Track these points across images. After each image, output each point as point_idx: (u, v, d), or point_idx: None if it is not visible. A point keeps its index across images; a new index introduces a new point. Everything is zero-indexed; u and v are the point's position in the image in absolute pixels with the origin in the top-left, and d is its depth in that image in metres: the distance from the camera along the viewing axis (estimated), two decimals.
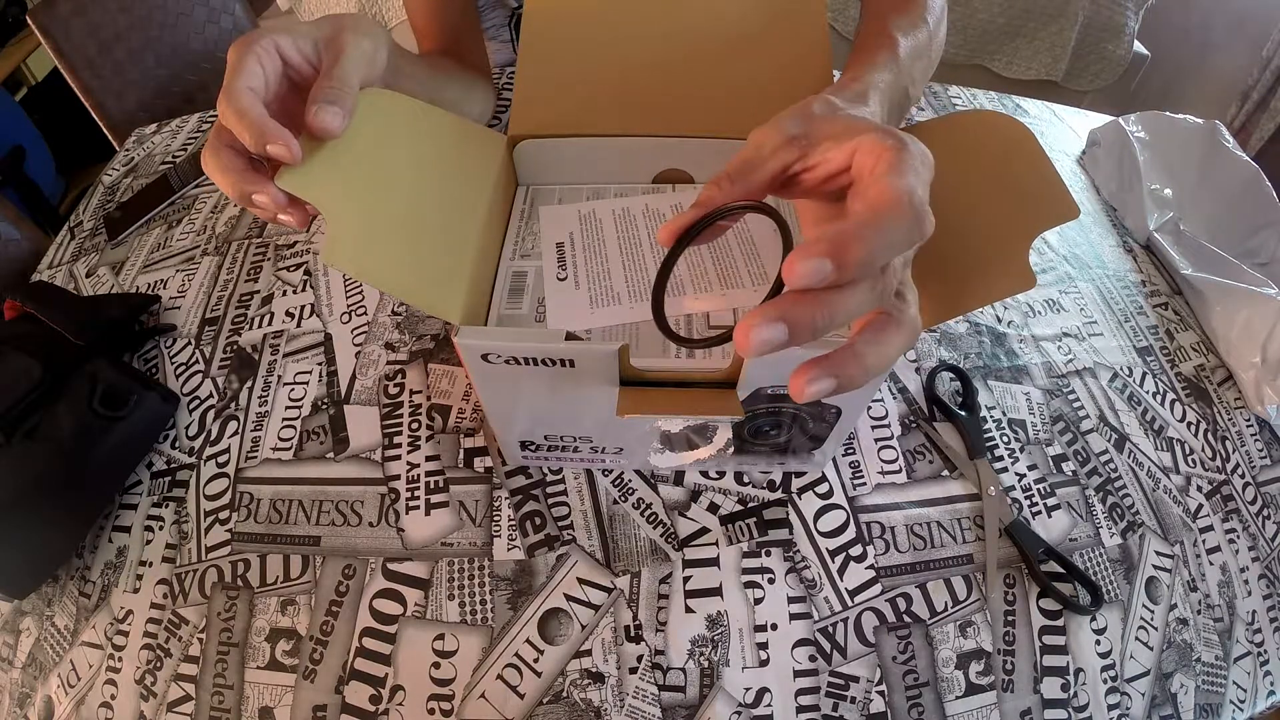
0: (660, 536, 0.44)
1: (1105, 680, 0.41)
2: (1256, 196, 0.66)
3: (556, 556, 0.43)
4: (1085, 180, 0.72)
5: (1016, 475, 0.48)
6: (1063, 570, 0.43)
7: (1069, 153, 0.75)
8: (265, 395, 0.51)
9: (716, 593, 0.42)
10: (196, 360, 0.54)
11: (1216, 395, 0.55)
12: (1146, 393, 0.54)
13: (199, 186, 0.69)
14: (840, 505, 0.45)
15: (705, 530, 0.44)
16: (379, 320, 0.55)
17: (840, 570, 0.43)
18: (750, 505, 0.45)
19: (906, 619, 0.42)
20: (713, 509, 0.45)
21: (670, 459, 0.44)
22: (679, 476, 0.46)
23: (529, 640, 0.41)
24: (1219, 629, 0.44)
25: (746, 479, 0.46)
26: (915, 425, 0.49)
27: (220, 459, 0.48)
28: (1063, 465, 0.49)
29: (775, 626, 0.41)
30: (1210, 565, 0.47)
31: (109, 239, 0.66)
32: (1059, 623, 0.42)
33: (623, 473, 0.46)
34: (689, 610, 0.42)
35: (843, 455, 0.47)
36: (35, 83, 1.82)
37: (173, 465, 0.48)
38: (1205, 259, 0.61)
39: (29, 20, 1.03)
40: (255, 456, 0.48)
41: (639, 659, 0.40)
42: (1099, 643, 0.42)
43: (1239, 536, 0.48)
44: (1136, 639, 0.43)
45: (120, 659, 0.42)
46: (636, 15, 0.45)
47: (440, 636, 0.41)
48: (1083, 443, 0.50)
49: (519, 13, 0.75)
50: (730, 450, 0.42)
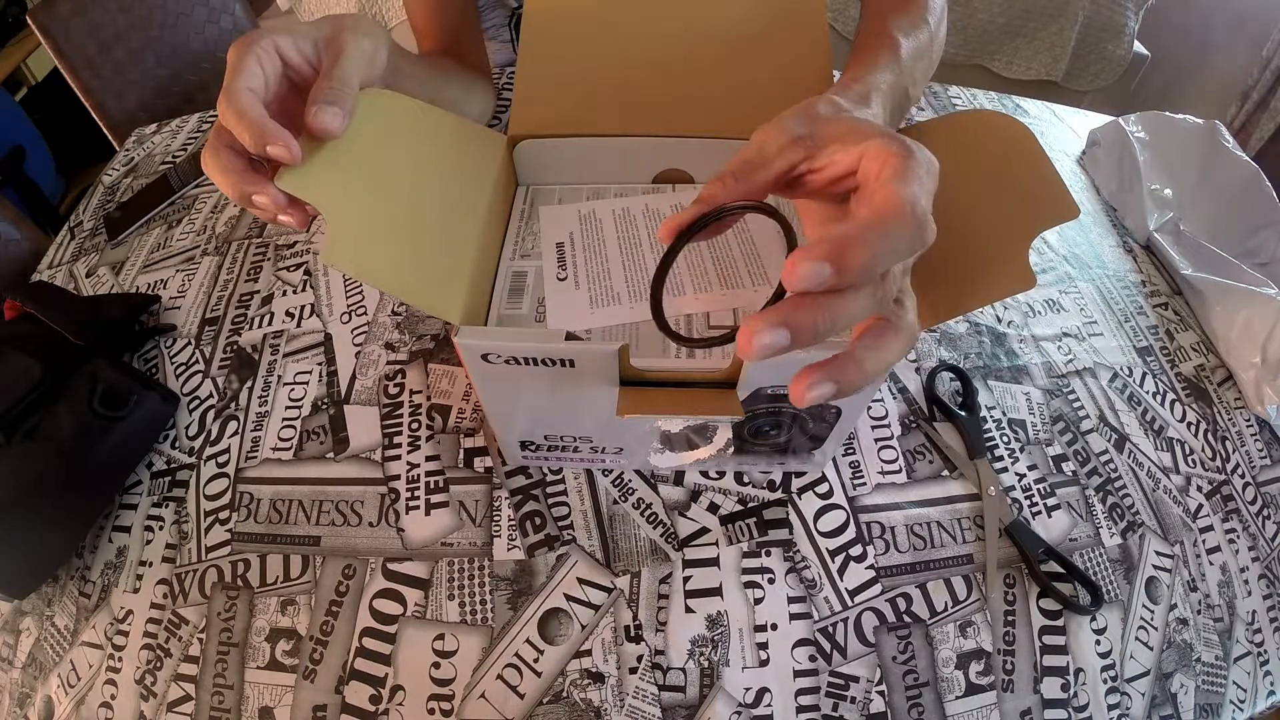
0: (660, 536, 0.44)
1: (1105, 680, 0.41)
2: (1256, 196, 0.66)
3: (556, 556, 0.43)
4: (1085, 180, 0.72)
5: (1016, 475, 0.48)
6: (1063, 570, 0.43)
7: (1069, 153, 0.75)
8: (265, 395, 0.51)
9: (716, 593, 0.42)
10: (196, 360, 0.54)
11: (1216, 395, 0.55)
12: (1146, 393, 0.54)
13: (199, 186, 0.69)
14: (840, 505, 0.45)
15: (705, 530, 0.44)
16: (379, 320, 0.55)
17: (840, 570, 0.43)
18: (750, 505, 0.45)
19: (906, 619, 0.42)
20: (713, 509, 0.45)
21: (670, 459, 0.44)
22: (679, 476, 0.46)
23: (529, 640, 0.41)
24: (1219, 629, 0.44)
25: (746, 479, 0.46)
26: (915, 425, 0.49)
27: (220, 459, 0.48)
28: (1063, 465, 0.49)
29: (775, 626, 0.41)
30: (1210, 565, 0.47)
31: (109, 239, 0.66)
32: (1059, 623, 0.42)
33: (623, 473, 0.46)
34: (689, 610, 0.42)
35: (843, 455, 0.47)
36: (35, 83, 1.82)
37: (173, 465, 0.48)
38: (1205, 259, 0.61)
39: (29, 20, 1.03)
40: (255, 456, 0.48)
41: (639, 659, 0.40)
42: (1099, 643, 0.42)
43: (1239, 536, 0.48)
44: (1136, 639, 0.43)
45: (120, 659, 0.42)
46: (636, 15, 0.45)
47: (440, 636, 0.41)
48: (1083, 443, 0.50)
49: (519, 13, 0.75)
50: (730, 450, 0.42)
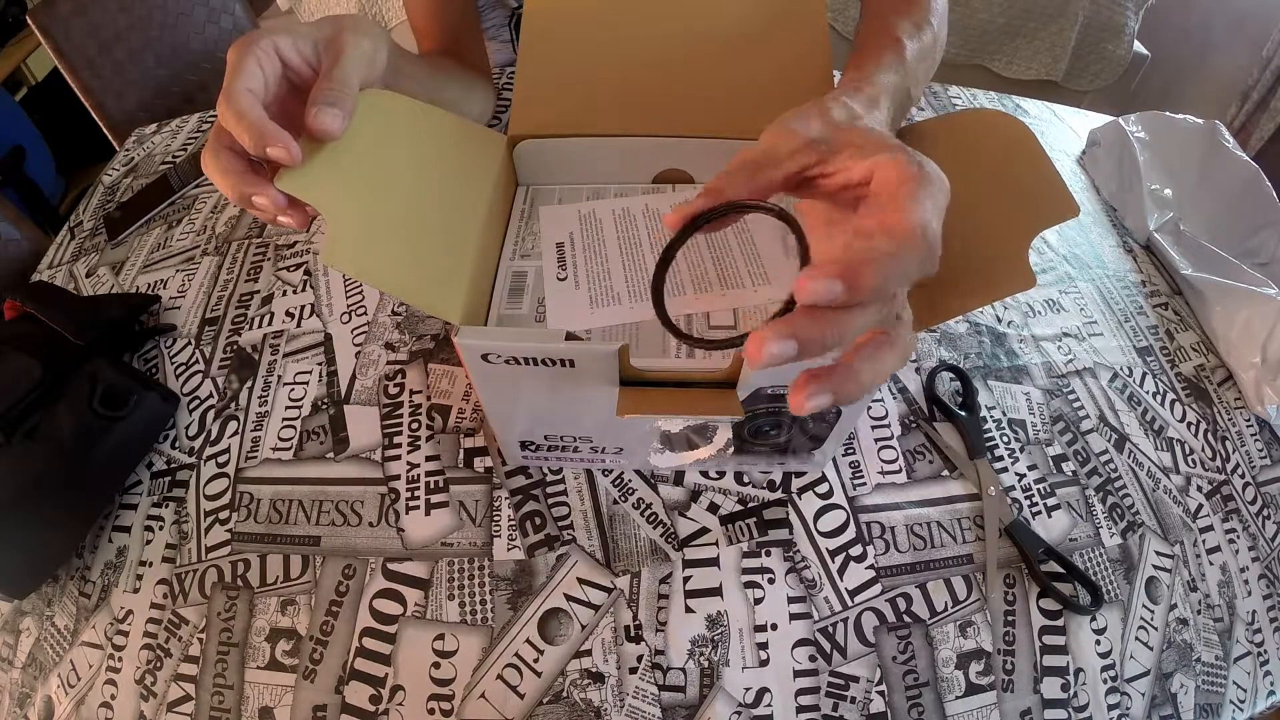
0: (660, 536, 0.44)
1: (1105, 680, 0.41)
2: (1256, 196, 0.66)
3: (556, 556, 0.43)
4: (1085, 180, 0.72)
5: (1016, 475, 0.48)
6: (1063, 570, 0.43)
7: (1069, 153, 0.75)
8: (265, 395, 0.51)
9: (716, 593, 0.42)
10: (196, 360, 0.54)
11: (1216, 395, 0.55)
12: (1146, 393, 0.54)
13: (199, 186, 0.69)
14: (840, 505, 0.45)
15: (705, 530, 0.44)
16: (379, 320, 0.55)
17: (840, 570, 0.43)
18: (750, 505, 0.45)
19: (906, 619, 0.42)
20: (713, 509, 0.45)
21: (670, 459, 0.44)
22: (679, 476, 0.46)
23: (529, 640, 0.41)
24: (1219, 629, 0.44)
25: (746, 479, 0.46)
26: (915, 425, 0.49)
27: (220, 459, 0.48)
28: (1063, 465, 0.49)
29: (775, 626, 0.41)
30: (1210, 565, 0.47)
31: (109, 239, 0.66)
32: (1059, 623, 0.42)
33: (623, 473, 0.46)
34: (689, 610, 0.42)
35: (843, 455, 0.47)
36: (35, 83, 1.82)
37: (173, 465, 0.48)
38: (1205, 259, 0.61)
39: (29, 20, 1.03)
40: (255, 456, 0.48)
41: (639, 659, 0.40)
42: (1099, 643, 0.42)
43: (1239, 536, 0.48)
44: (1136, 639, 0.43)
45: (120, 659, 0.42)
46: (636, 15, 0.45)
47: (440, 636, 0.41)
48: (1083, 443, 0.50)
49: (519, 13, 0.75)
50: (730, 450, 0.42)
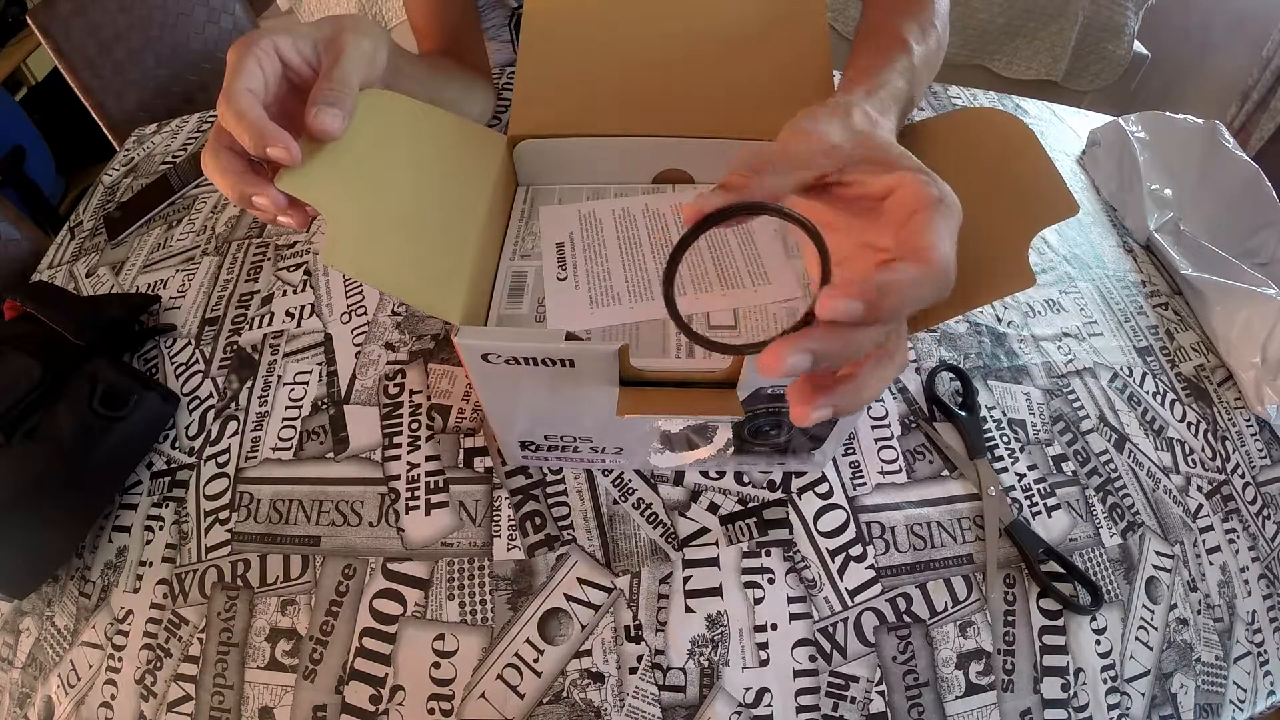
0: (660, 536, 0.44)
1: (1105, 680, 0.41)
2: (1256, 196, 0.66)
3: (556, 556, 0.43)
4: (1085, 180, 0.72)
5: (1016, 475, 0.48)
6: (1063, 570, 0.43)
7: (1069, 153, 0.75)
8: (265, 395, 0.51)
9: (716, 593, 0.42)
10: (196, 360, 0.54)
11: (1216, 395, 0.55)
12: (1146, 393, 0.54)
13: (199, 186, 0.69)
14: (840, 505, 0.45)
15: (705, 530, 0.44)
16: (379, 320, 0.55)
17: (840, 570, 0.43)
18: (750, 505, 0.45)
19: (906, 619, 0.42)
20: (713, 509, 0.45)
21: (670, 459, 0.44)
22: (679, 476, 0.46)
23: (529, 640, 0.41)
24: (1219, 629, 0.44)
25: (746, 479, 0.46)
26: (915, 425, 0.49)
27: (220, 459, 0.48)
28: (1063, 465, 0.49)
29: (775, 626, 0.41)
30: (1210, 565, 0.47)
31: (109, 239, 0.66)
32: (1059, 623, 0.42)
33: (623, 473, 0.46)
34: (689, 610, 0.42)
35: (843, 455, 0.47)
36: (35, 83, 1.82)
37: (173, 465, 0.48)
38: (1205, 259, 0.61)
39: (29, 20, 1.03)
40: (255, 456, 0.48)
41: (639, 659, 0.40)
42: (1099, 643, 0.42)
43: (1239, 536, 0.48)
44: (1136, 639, 0.43)
45: (120, 659, 0.42)
46: (636, 15, 0.45)
47: (440, 636, 0.41)
48: (1083, 443, 0.50)
49: (519, 13, 0.75)
50: (730, 450, 0.42)
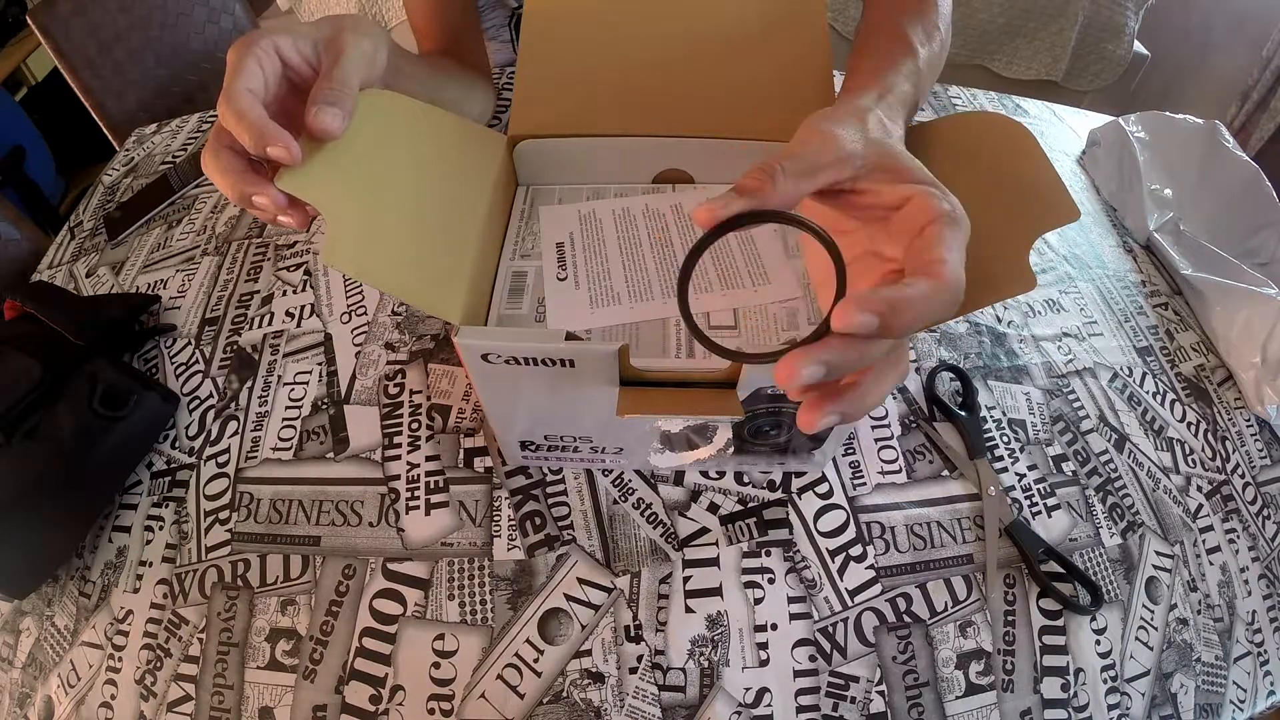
0: (660, 536, 0.44)
1: (1105, 680, 0.41)
2: (1256, 196, 0.66)
3: (556, 556, 0.43)
4: (1085, 180, 0.72)
5: (1016, 475, 0.48)
6: (1063, 570, 0.43)
7: (1069, 153, 0.75)
8: (265, 395, 0.51)
9: (716, 593, 0.42)
10: (196, 360, 0.54)
11: (1216, 395, 0.55)
12: (1146, 393, 0.54)
13: (199, 186, 0.69)
14: (840, 505, 0.45)
15: (705, 530, 0.44)
16: (379, 320, 0.55)
17: (840, 570, 0.43)
18: (750, 505, 0.45)
19: (906, 619, 0.42)
20: (713, 509, 0.45)
21: (670, 459, 0.44)
22: (679, 476, 0.46)
23: (529, 640, 0.41)
24: (1219, 629, 0.44)
25: (746, 479, 0.46)
26: (915, 425, 0.49)
27: (220, 459, 0.48)
28: (1063, 465, 0.49)
29: (775, 626, 0.41)
30: (1210, 565, 0.47)
31: (109, 239, 0.66)
32: (1059, 623, 0.42)
33: (623, 473, 0.46)
34: (689, 610, 0.42)
35: (843, 455, 0.47)
36: (35, 83, 1.82)
37: (173, 465, 0.48)
38: (1205, 259, 0.61)
39: (29, 20, 1.03)
40: (255, 456, 0.48)
41: (639, 659, 0.40)
42: (1099, 643, 0.42)
43: (1239, 536, 0.48)
44: (1136, 639, 0.43)
45: (120, 659, 0.42)
46: (636, 15, 0.45)
47: (440, 636, 0.41)
48: (1083, 443, 0.50)
49: (519, 13, 0.75)
50: (730, 450, 0.42)
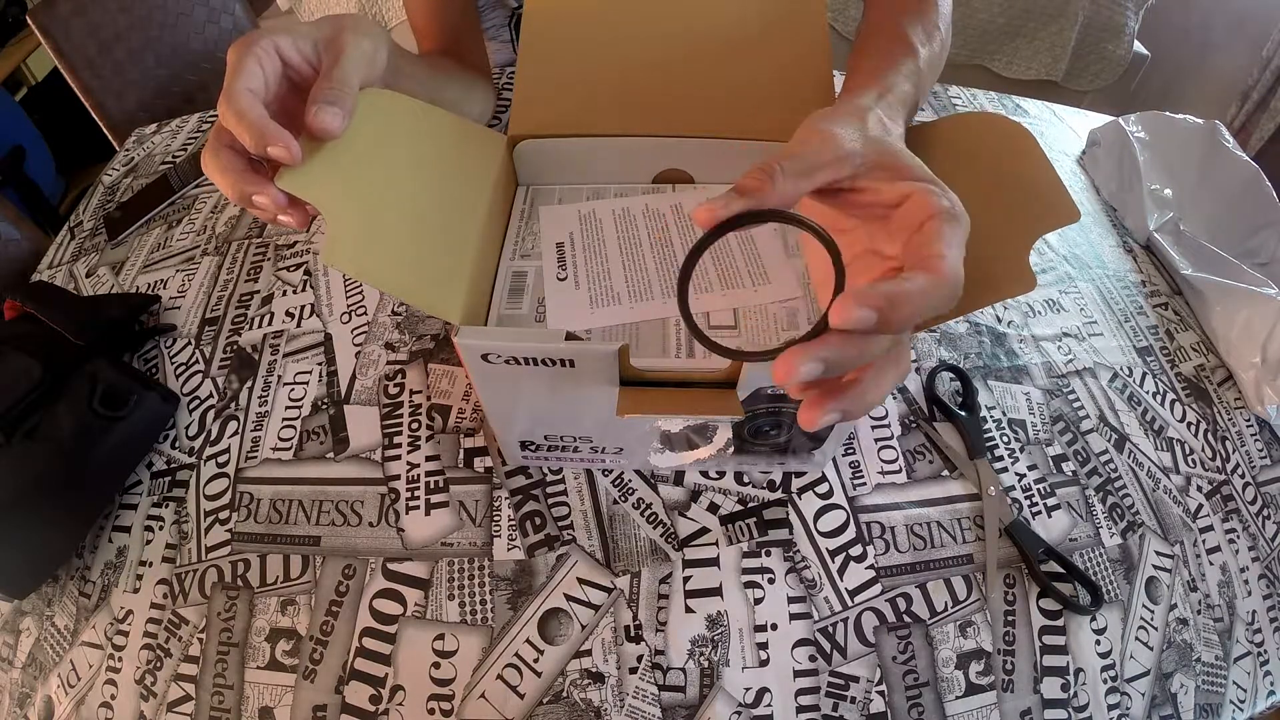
0: (660, 536, 0.44)
1: (1105, 680, 0.41)
2: (1256, 196, 0.66)
3: (556, 556, 0.43)
4: (1085, 180, 0.72)
5: (1016, 475, 0.48)
6: (1063, 570, 0.43)
7: (1069, 153, 0.75)
8: (265, 395, 0.51)
9: (716, 593, 0.42)
10: (196, 360, 0.54)
11: (1216, 395, 0.55)
12: (1146, 393, 0.54)
13: (199, 186, 0.69)
14: (840, 505, 0.45)
15: (705, 530, 0.44)
16: (379, 320, 0.55)
17: (840, 570, 0.43)
18: (750, 505, 0.45)
19: (906, 619, 0.42)
20: (713, 509, 0.45)
21: (670, 459, 0.44)
22: (679, 476, 0.46)
23: (529, 640, 0.41)
24: (1219, 629, 0.44)
25: (746, 479, 0.46)
26: (915, 425, 0.49)
27: (220, 459, 0.48)
28: (1063, 465, 0.49)
29: (775, 626, 0.41)
30: (1210, 565, 0.47)
31: (109, 239, 0.66)
32: (1059, 623, 0.42)
33: (623, 473, 0.46)
34: (689, 610, 0.42)
35: (843, 455, 0.47)
36: (35, 83, 1.82)
37: (173, 465, 0.48)
38: (1205, 259, 0.61)
39: (29, 20, 1.03)
40: (255, 456, 0.48)
41: (639, 659, 0.40)
42: (1099, 643, 0.42)
43: (1239, 536, 0.48)
44: (1136, 639, 0.43)
45: (120, 659, 0.42)
46: (636, 15, 0.45)
47: (440, 636, 0.41)
48: (1083, 443, 0.50)
49: (519, 13, 0.75)
50: (730, 450, 0.42)
